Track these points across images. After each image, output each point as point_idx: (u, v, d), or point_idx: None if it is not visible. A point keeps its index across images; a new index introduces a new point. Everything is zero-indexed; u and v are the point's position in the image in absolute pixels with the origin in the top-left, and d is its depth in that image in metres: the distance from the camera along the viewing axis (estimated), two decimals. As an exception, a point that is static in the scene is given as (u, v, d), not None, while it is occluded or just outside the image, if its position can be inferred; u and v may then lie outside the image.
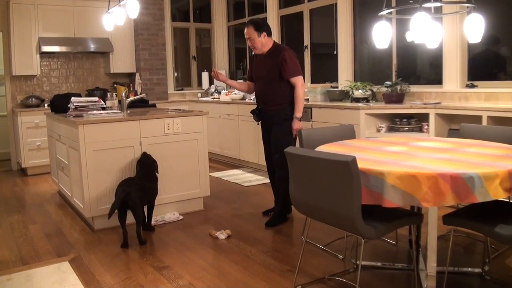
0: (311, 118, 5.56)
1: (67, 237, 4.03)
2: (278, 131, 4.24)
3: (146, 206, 4.08)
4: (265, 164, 4.39)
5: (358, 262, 3.15)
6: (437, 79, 5.25)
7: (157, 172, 4.18)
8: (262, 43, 4.18)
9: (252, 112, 4.45)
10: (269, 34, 4.21)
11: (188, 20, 8.90)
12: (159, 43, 8.00)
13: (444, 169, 2.35)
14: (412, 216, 2.76)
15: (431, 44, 3.26)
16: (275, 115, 4.24)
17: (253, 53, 4.39)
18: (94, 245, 3.81)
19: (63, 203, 5.20)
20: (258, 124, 4.47)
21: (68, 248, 3.76)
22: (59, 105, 5.10)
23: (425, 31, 2.95)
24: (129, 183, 3.85)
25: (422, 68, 5.68)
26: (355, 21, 6.18)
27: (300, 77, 4.17)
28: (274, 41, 4.30)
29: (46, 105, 6.97)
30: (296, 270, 3.05)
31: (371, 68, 6.24)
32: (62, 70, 7.65)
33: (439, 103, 4.89)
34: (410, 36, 3.20)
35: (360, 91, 5.53)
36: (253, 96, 6.84)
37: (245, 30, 4.20)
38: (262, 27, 4.16)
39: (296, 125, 4.18)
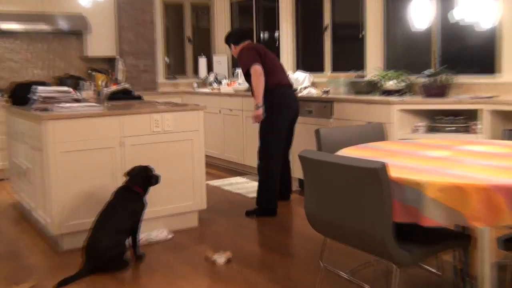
0: (332, 114, 5.56)
1: (25, 260, 4.03)
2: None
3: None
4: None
5: (389, 295, 3.12)
6: (491, 68, 5.21)
7: (149, 184, 4.06)
8: (236, 52, 5.32)
9: None
10: (236, 43, 5.27)
11: (182, -6, 8.94)
12: (147, 22, 8.05)
13: (498, 179, 2.34)
14: (457, 238, 2.75)
15: (483, 24, 3.23)
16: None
17: None
18: (59, 270, 3.77)
19: (20, 217, 5.20)
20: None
21: (25, 274, 3.74)
22: (21, 96, 5.10)
23: (477, 8, 2.92)
24: (97, 229, 3.76)
25: (472, 54, 5.63)
26: (387, -4, 6.18)
27: (253, 66, 4.93)
28: (244, 46, 5.20)
29: (2, 95, 6.97)
30: (312, 304, 3.04)
31: (406, 53, 6.23)
32: (24, 53, 7.70)
33: (493, 97, 4.85)
34: (456, 15, 3.18)
35: (392, 82, 5.52)
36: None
37: None
38: (227, 39, 5.44)
39: (253, 113, 5.05)
